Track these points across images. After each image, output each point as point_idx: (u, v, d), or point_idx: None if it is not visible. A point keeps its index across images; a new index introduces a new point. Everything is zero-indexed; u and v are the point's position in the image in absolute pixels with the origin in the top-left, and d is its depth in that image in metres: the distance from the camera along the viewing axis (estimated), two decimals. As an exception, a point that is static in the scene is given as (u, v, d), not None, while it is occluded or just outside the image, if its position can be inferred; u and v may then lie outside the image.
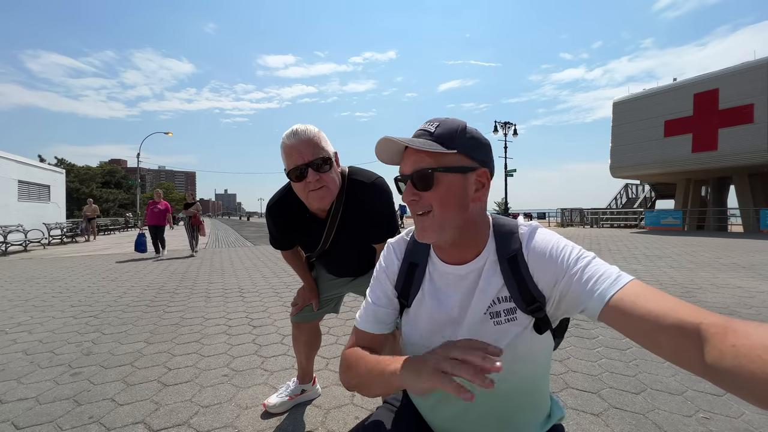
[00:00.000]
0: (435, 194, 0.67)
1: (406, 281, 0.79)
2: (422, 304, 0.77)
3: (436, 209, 0.68)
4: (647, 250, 8.06)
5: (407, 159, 0.70)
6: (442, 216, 0.68)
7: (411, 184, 0.69)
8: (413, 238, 0.82)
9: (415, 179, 0.68)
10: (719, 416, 1.65)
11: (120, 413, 1.75)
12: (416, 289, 0.78)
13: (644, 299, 0.53)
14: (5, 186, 12.45)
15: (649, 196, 22.42)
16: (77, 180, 43.62)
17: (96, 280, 5.50)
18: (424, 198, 0.68)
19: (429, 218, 0.69)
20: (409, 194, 0.69)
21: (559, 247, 0.68)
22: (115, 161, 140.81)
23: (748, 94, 13.70)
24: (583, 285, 0.61)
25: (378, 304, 0.80)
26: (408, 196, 0.69)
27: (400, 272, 0.80)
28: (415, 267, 0.79)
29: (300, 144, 1.17)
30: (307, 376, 1.85)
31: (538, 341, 0.70)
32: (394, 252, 0.83)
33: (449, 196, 0.68)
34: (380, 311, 0.79)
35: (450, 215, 0.68)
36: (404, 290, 0.79)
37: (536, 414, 0.79)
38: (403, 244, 0.83)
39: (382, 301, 0.80)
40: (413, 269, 0.79)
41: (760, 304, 3.56)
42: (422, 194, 0.68)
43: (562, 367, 2.20)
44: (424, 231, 0.70)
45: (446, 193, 0.68)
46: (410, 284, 0.79)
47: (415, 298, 0.78)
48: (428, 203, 0.68)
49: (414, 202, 0.69)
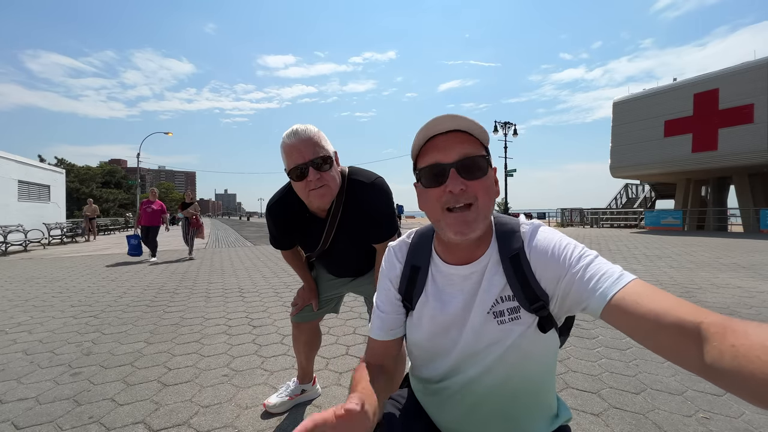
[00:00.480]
0: (482, 183, 0.66)
1: (409, 284, 0.78)
2: (425, 306, 0.76)
3: (481, 200, 0.66)
4: (647, 250, 8.06)
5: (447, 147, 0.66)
6: (486, 207, 0.66)
7: (456, 173, 0.65)
8: (414, 239, 0.82)
9: (464, 167, 0.65)
10: (719, 416, 1.65)
11: (120, 413, 1.75)
12: (419, 292, 0.77)
13: (646, 298, 0.53)
14: (5, 186, 12.45)
15: (649, 196, 22.41)
16: (77, 180, 43.64)
17: (96, 280, 5.50)
18: (471, 188, 0.65)
19: (473, 211, 0.65)
20: (458, 183, 0.64)
21: (561, 245, 0.67)
22: (115, 161, 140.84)
23: (748, 94, 13.69)
24: (585, 283, 0.61)
25: (384, 311, 0.80)
26: (457, 185, 0.64)
27: (402, 275, 0.80)
28: (418, 269, 0.78)
29: (300, 143, 1.17)
30: (307, 376, 1.85)
31: (542, 340, 0.70)
32: (395, 255, 0.82)
33: (491, 186, 0.68)
34: (387, 318, 0.79)
35: (490, 206, 0.68)
36: (407, 293, 0.79)
37: (542, 413, 0.78)
38: (405, 247, 0.82)
39: (387, 307, 0.80)
40: (416, 272, 0.78)
41: (760, 304, 3.56)
42: (469, 183, 0.65)
43: (562, 367, 2.20)
44: (468, 225, 0.65)
45: (490, 183, 0.68)
46: (413, 287, 0.78)
47: (419, 301, 0.77)
48: (474, 193, 0.65)
49: (462, 192, 0.65)
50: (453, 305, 0.73)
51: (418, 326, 0.77)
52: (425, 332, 0.76)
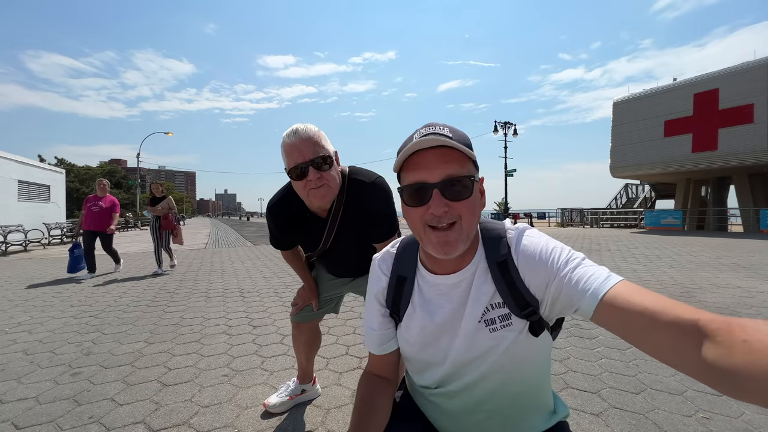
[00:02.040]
0: (466, 204, 0.64)
1: (396, 296, 0.78)
2: (413, 317, 0.76)
3: (465, 219, 0.64)
4: (647, 250, 8.06)
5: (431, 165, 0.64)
6: (470, 225, 0.65)
7: (439, 194, 0.63)
8: (399, 250, 0.81)
9: (448, 188, 0.63)
10: (719, 416, 1.65)
11: (120, 413, 1.75)
12: (406, 303, 0.76)
13: (637, 297, 0.52)
14: (5, 186, 12.44)
15: (649, 196, 22.42)
16: (77, 180, 43.68)
17: (96, 280, 5.50)
18: (453, 208, 0.64)
19: (455, 230, 0.64)
20: (440, 205, 0.63)
21: (548, 249, 0.67)
22: (115, 161, 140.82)
23: (748, 94, 13.69)
24: (574, 286, 0.60)
25: (374, 329, 0.80)
26: (440, 207, 0.63)
27: (389, 287, 0.79)
28: (404, 280, 0.77)
29: (300, 143, 1.17)
30: (307, 376, 1.85)
31: (535, 344, 0.70)
32: (380, 269, 0.81)
33: (475, 205, 0.66)
34: (376, 335, 0.79)
35: (474, 223, 0.67)
36: (395, 305, 0.78)
37: (540, 411, 0.79)
38: (390, 259, 0.81)
39: (375, 324, 0.80)
40: (402, 283, 0.77)
41: (760, 304, 3.56)
42: (452, 204, 0.64)
43: (562, 367, 2.20)
44: (450, 245, 0.64)
45: (474, 202, 0.65)
46: (400, 299, 0.77)
47: (406, 312, 0.77)
48: (457, 213, 0.64)
49: (445, 213, 0.63)
50: (441, 315, 0.72)
51: (407, 338, 0.77)
52: (416, 344, 0.76)
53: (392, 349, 0.80)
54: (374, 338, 0.79)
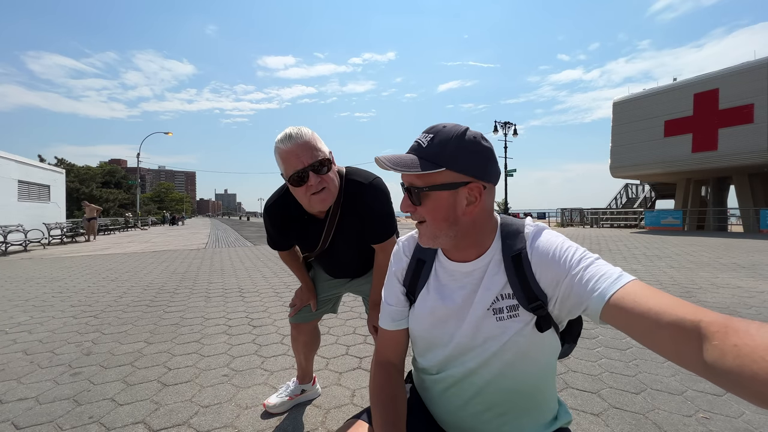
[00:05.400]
0: (425, 209, 0.72)
1: (414, 277, 0.83)
2: (426, 299, 0.80)
3: (429, 221, 0.72)
4: (647, 250, 8.06)
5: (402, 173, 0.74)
6: (434, 227, 0.72)
7: (407, 196, 0.74)
8: None
9: (411, 193, 0.73)
10: (719, 416, 1.65)
11: (120, 413, 1.75)
12: (422, 285, 0.82)
13: (644, 298, 0.54)
14: (5, 186, 12.43)
15: (649, 196, 22.41)
16: (77, 180, 43.64)
17: (96, 280, 5.50)
18: (418, 210, 0.73)
19: (424, 227, 0.74)
20: (406, 205, 0.75)
21: (563, 248, 0.68)
22: (115, 161, 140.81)
23: (748, 94, 13.69)
24: (584, 285, 0.62)
25: (390, 303, 0.85)
26: (405, 207, 0.75)
27: (408, 268, 0.84)
28: (423, 263, 0.82)
29: (297, 148, 1.14)
30: (307, 376, 1.85)
31: (540, 339, 0.71)
32: (402, 250, 0.87)
33: (438, 211, 0.71)
34: (393, 310, 0.84)
35: (441, 227, 0.72)
36: (411, 286, 0.83)
37: (539, 415, 0.79)
38: (413, 242, 0.87)
39: (393, 299, 0.85)
40: (421, 265, 0.82)
41: (760, 304, 3.56)
42: (416, 207, 0.73)
43: (562, 367, 2.20)
44: (420, 238, 0.77)
45: (435, 209, 0.71)
46: (417, 280, 0.82)
47: (421, 293, 0.81)
48: (421, 215, 0.73)
49: (410, 212, 0.74)
50: (453, 299, 0.76)
51: (418, 317, 0.81)
52: (425, 323, 0.80)
53: (404, 326, 0.84)
54: (390, 312, 0.84)
